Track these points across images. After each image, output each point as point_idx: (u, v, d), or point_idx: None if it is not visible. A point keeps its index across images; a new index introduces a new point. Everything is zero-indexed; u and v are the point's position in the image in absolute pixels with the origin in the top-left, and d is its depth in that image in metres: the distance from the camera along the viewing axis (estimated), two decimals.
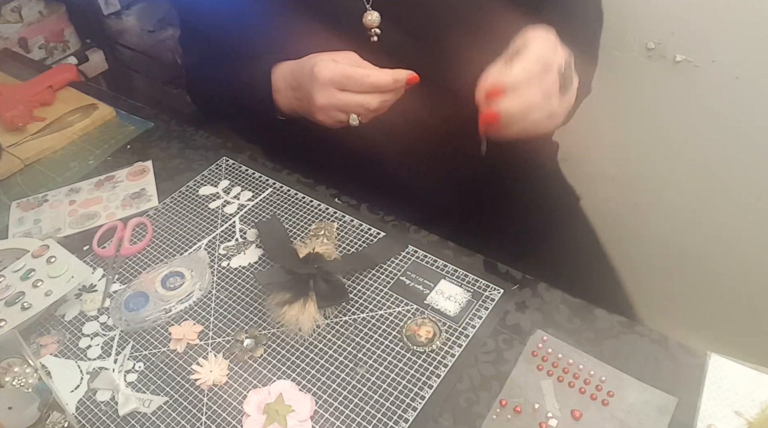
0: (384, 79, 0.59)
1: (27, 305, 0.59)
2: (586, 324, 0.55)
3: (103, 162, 0.83)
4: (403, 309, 0.58)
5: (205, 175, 0.77)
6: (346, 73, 0.59)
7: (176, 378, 0.55)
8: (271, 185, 0.74)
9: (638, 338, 0.53)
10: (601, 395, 0.49)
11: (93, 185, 0.78)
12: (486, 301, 0.58)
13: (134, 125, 0.89)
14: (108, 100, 0.93)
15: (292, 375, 0.54)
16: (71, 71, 0.98)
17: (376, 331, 0.56)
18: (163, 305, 0.60)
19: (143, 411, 0.53)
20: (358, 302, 0.59)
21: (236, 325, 0.59)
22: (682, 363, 0.51)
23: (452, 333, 0.55)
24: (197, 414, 0.52)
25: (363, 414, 0.50)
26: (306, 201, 0.71)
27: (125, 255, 0.68)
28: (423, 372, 0.53)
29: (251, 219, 0.70)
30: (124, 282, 0.65)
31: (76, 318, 0.62)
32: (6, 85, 0.95)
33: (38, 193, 0.78)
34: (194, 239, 0.69)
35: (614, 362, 0.52)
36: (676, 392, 0.49)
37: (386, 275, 0.61)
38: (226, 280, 0.63)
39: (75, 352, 0.58)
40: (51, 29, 1.61)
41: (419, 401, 0.51)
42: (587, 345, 0.53)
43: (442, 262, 0.62)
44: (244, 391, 0.53)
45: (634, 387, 0.50)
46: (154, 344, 0.58)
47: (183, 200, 0.74)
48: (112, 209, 0.74)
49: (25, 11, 1.55)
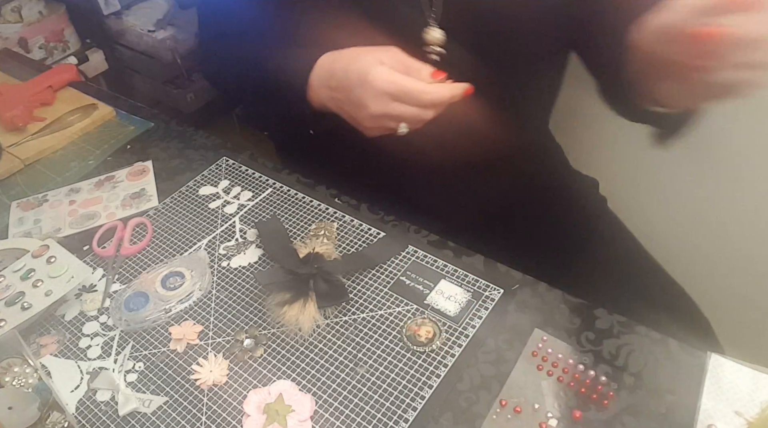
0: (441, 96, 0.57)
1: (27, 305, 0.59)
2: (586, 324, 0.55)
3: (103, 162, 0.83)
4: (403, 309, 0.58)
5: (205, 175, 0.78)
6: (404, 87, 0.56)
7: (176, 378, 0.55)
8: (271, 185, 0.74)
9: (638, 338, 0.53)
10: (601, 395, 0.49)
11: (93, 185, 0.78)
12: (486, 301, 0.58)
13: (134, 125, 0.89)
14: (108, 101, 0.93)
15: (292, 375, 0.54)
16: (71, 71, 0.98)
17: (376, 331, 0.56)
18: (163, 305, 0.60)
19: (143, 411, 0.53)
20: (358, 302, 0.59)
21: (236, 325, 0.59)
22: (682, 363, 0.51)
23: (452, 333, 0.55)
24: (197, 414, 0.52)
25: (363, 414, 0.50)
26: (306, 201, 0.71)
27: (125, 255, 0.68)
28: (423, 372, 0.53)
29: (251, 219, 0.70)
30: (124, 282, 0.65)
31: (76, 318, 0.62)
32: (6, 85, 0.95)
33: (38, 193, 0.78)
34: (194, 239, 0.69)
35: (614, 362, 0.52)
36: (676, 392, 0.49)
37: (386, 275, 0.61)
38: (226, 280, 0.63)
39: (75, 352, 0.58)
40: (51, 29, 1.61)
41: (419, 401, 0.51)
42: (587, 345, 0.53)
43: (442, 262, 0.62)
44: (244, 391, 0.53)
45: (634, 386, 0.50)
46: (154, 344, 0.58)
47: (183, 200, 0.74)
48: (112, 209, 0.74)
49: (25, 11, 1.55)
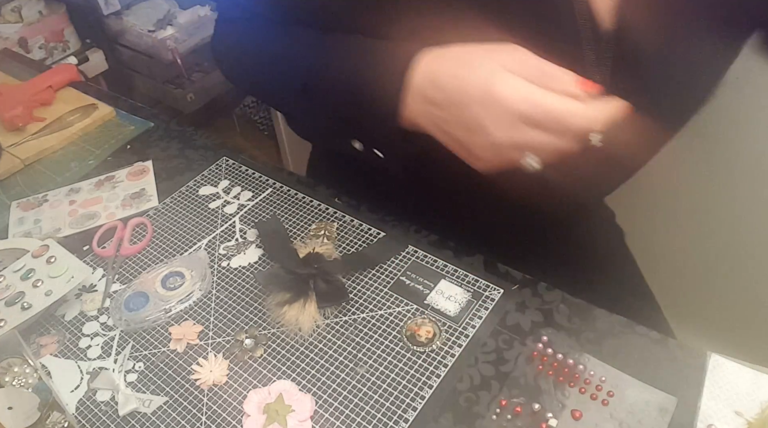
0: (597, 118, 0.40)
1: (27, 305, 0.59)
2: (586, 324, 0.55)
3: (103, 162, 0.83)
4: (403, 309, 0.58)
5: (205, 175, 0.78)
6: (545, 106, 0.40)
7: (176, 378, 0.55)
8: (271, 185, 0.74)
9: (638, 338, 0.53)
10: (601, 395, 0.49)
11: (93, 185, 0.78)
12: (486, 301, 0.58)
13: (134, 125, 0.89)
14: (108, 101, 0.93)
15: (292, 375, 0.54)
16: (71, 71, 0.98)
17: (376, 331, 0.56)
18: (163, 305, 0.60)
19: (143, 411, 0.53)
20: (358, 302, 0.59)
21: (236, 325, 0.59)
22: (682, 363, 0.51)
23: (452, 333, 0.55)
24: (197, 414, 0.52)
25: (363, 414, 0.50)
26: (306, 201, 0.71)
27: (125, 255, 0.68)
28: (423, 372, 0.53)
29: (251, 219, 0.70)
30: (124, 282, 0.65)
31: (76, 318, 0.62)
32: (6, 85, 0.95)
33: (38, 193, 0.78)
34: (194, 239, 0.69)
35: (614, 362, 0.51)
36: (676, 392, 0.49)
37: (386, 275, 0.61)
38: (226, 280, 0.63)
39: (75, 352, 0.58)
40: (51, 29, 1.61)
41: (419, 401, 0.51)
42: (587, 345, 0.53)
43: (442, 262, 0.62)
44: (244, 391, 0.53)
45: (634, 387, 0.50)
46: (154, 344, 0.58)
47: (183, 200, 0.74)
48: (112, 209, 0.74)
49: (25, 11, 1.55)
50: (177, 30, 1.73)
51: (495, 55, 0.42)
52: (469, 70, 0.42)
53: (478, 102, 0.41)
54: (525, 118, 0.40)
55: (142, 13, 1.80)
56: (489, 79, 0.41)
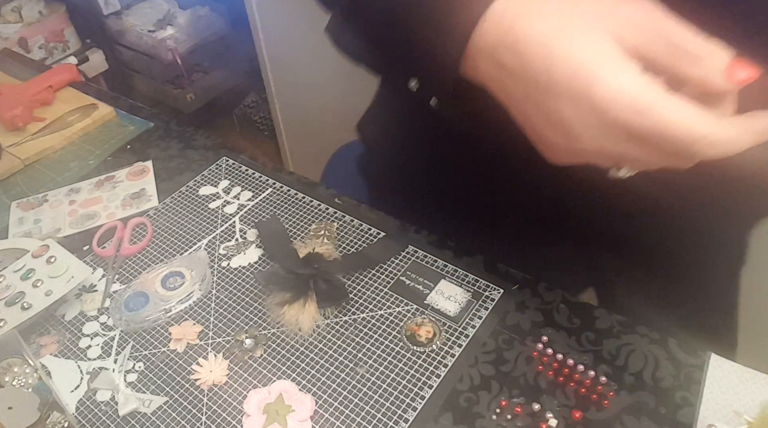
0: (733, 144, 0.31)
1: (27, 305, 0.59)
2: (586, 324, 0.55)
3: (103, 162, 0.83)
4: (403, 309, 0.58)
5: (205, 175, 0.78)
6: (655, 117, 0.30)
7: (176, 378, 0.55)
8: (271, 185, 0.74)
9: (638, 338, 0.53)
10: (601, 395, 0.49)
11: (93, 185, 0.78)
12: (486, 301, 0.58)
13: (134, 125, 0.89)
14: (108, 101, 0.93)
15: (292, 375, 0.54)
16: (71, 71, 0.98)
17: (376, 331, 0.56)
18: (163, 305, 0.60)
19: (143, 411, 0.53)
20: (358, 302, 0.59)
21: (236, 325, 0.59)
22: (682, 363, 0.51)
23: (452, 333, 0.55)
24: (197, 414, 0.52)
25: (363, 414, 0.50)
26: (306, 201, 0.71)
27: (125, 255, 0.68)
28: (423, 372, 0.53)
29: (251, 219, 0.70)
30: (124, 282, 0.65)
31: (76, 318, 0.62)
32: (6, 85, 0.95)
33: (38, 193, 0.78)
34: (194, 239, 0.69)
35: (614, 362, 0.52)
36: (677, 392, 0.49)
37: (386, 275, 0.61)
38: (226, 280, 0.63)
39: (75, 352, 0.58)
40: (51, 29, 1.61)
41: (419, 401, 0.51)
42: (587, 345, 0.53)
43: (442, 262, 0.62)
44: (244, 391, 0.53)
45: (634, 386, 0.50)
46: (154, 344, 0.58)
47: (183, 200, 0.74)
48: (112, 209, 0.74)
49: (25, 11, 1.55)
50: (177, 30, 1.74)
51: (607, 18, 0.31)
52: (564, 46, 0.31)
53: (569, 98, 0.32)
54: (626, 129, 0.31)
55: (142, 13, 1.80)
56: (589, 74, 0.31)
